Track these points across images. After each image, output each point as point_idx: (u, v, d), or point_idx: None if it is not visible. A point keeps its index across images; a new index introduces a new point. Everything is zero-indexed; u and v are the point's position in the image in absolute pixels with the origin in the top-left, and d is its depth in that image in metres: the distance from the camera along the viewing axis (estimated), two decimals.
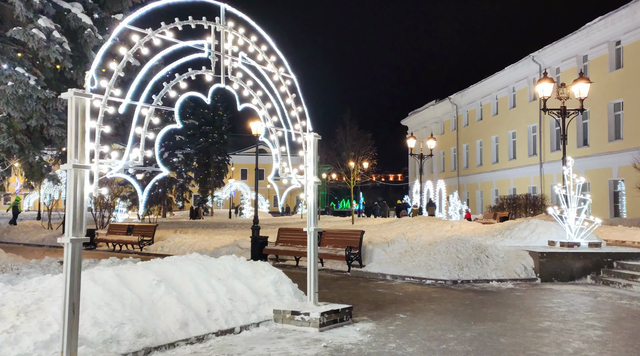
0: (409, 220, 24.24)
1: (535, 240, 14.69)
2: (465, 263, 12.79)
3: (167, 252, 18.16)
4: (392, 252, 14.86)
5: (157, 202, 53.51)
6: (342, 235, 15.08)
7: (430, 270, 12.75)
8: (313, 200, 8.31)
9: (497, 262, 12.92)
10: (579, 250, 12.98)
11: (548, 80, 15.93)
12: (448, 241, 14.15)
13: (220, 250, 16.99)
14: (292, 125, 8.14)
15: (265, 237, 16.47)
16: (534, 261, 12.68)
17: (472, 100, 49.99)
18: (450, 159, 54.73)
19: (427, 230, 19.46)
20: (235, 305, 7.73)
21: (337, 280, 12.77)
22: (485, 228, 17.57)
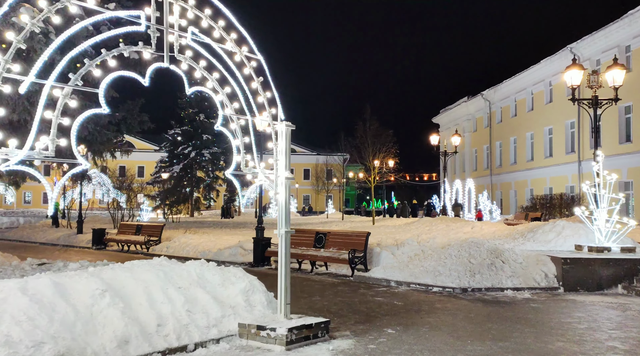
0: (428, 220, 22.90)
1: (560, 244, 13.25)
2: (477, 269, 11.51)
3: (172, 253, 17.39)
4: (401, 256, 13.66)
5: (184, 201, 53.30)
6: (347, 237, 13.97)
7: (439, 276, 11.52)
8: (285, 198, 7.25)
9: (514, 268, 11.59)
10: (610, 255, 11.54)
11: (577, 67, 14.46)
12: (461, 244, 12.88)
13: (223, 251, 16.13)
14: (258, 112, 7.09)
15: (268, 238, 15.48)
16: (556, 268, 11.31)
17: (505, 96, 48.01)
18: (482, 157, 52.77)
19: (444, 232, 18.14)
20: (194, 317, 6.73)
21: (335, 286, 11.67)
22: (507, 230, 16.16)
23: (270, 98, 7.15)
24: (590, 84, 14.47)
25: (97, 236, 20.60)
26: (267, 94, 7.10)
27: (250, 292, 7.54)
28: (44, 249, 20.85)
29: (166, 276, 7.05)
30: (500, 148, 49.20)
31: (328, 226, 28.55)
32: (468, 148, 55.50)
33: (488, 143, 51.21)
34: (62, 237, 22.66)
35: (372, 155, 30.60)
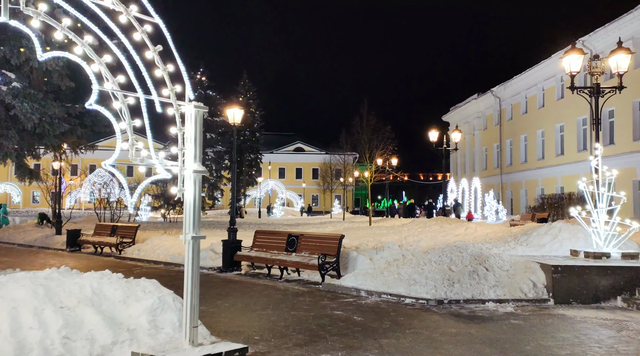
0: (423, 221, 21.51)
1: (556, 249, 11.85)
2: (457, 278, 10.17)
3: (142, 256, 16.29)
4: (378, 261, 12.37)
5: None
6: (320, 240, 12.68)
7: (413, 285, 10.20)
8: (193, 196, 5.98)
9: (500, 276, 10.23)
10: (608, 262, 10.12)
11: (577, 51, 13.01)
12: (443, 249, 11.55)
13: None
14: (157, 90, 5.81)
15: (239, 240, 14.25)
16: (545, 276, 9.93)
17: (516, 92, 46.36)
18: (492, 156, 51.12)
19: (434, 234, 16.78)
20: (71, 346, 5.49)
21: (297, 296, 10.40)
22: (501, 232, 14.76)
23: (173, 72, 5.83)
24: (591, 70, 13.02)
25: (71, 237, 19.53)
26: (168, 67, 5.79)
27: (159, 311, 6.27)
28: (16, 251, 19.86)
29: (47, 294, 5.81)
30: (510, 147, 47.55)
31: (323, 227, 27.30)
32: (478, 147, 53.88)
33: (498, 141, 49.57)
34: (40, 239, 21.67)
35: (370, 151, 29.21)
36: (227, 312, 8.80)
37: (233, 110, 14.80)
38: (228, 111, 14.85)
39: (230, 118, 14.84)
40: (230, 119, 14.86)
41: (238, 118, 14.87)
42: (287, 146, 77.07)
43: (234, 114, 14.82)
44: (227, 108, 14.84)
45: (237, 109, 14.82)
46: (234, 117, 14.83)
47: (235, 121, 14.84)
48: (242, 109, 14.88)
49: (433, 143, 24.50)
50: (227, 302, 9.66)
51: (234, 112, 14.80)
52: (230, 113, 14.82)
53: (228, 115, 14.86)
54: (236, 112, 14.80)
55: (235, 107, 14.78)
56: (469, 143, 56.18)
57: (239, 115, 14.86)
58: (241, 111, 14.89)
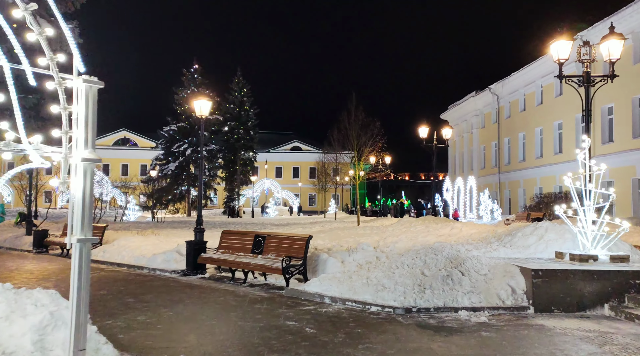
0: (409, 221, 20.59)
1: (542, 250, 10.91)
2: (429, 283, 9.24)
3: (106, 259, 15.38)
4: (350, 264, 11.45)
5: (180, 199, 51.51)
6: (287, 241, 11.75)
7: (381, 291, 9.27)
8: (83, 189, 4.97)
9: (476, 281, 9.30)
10: (595, 266, 9.17)
11: (566, 36, 12.07)
12: (417, 251, 10.63)
13: (157, 257, 14.03)
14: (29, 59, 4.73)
15: (204, 242, 13.33)
16: (525, 281, 8.99)
17: (514, 90, 45.39)
18: (491, 154, 50.13)
19: (416, 234, 15.85)
20: None
21: (254, 304, 9.47)
22: (485, 233, 13.81)
23: (54, 37, 4.71)
24: (580, 58, 12.07)
25: (38, 238, 18.62)
26: (46, 32, 4.64)
27: (50, 329, 5.29)
28: None
29: None
30: (508, 145, 46.58)
31: (310, 227, 26.38)
32: (476, 145, 52.90)
33: (496, 139, 48.59)
34: (9, 239, 20.76)
35: (358, 148, 28.19)
36: (167, 323, 7.88)
37: (200, 102, 13.89)
38: (195, 103, 13.94)
39: (197, 111, 13.93)
40: (197, 112, 13.94)
41: (205, 111, 13.96)
42: (285, 145, 76.20)
43: (200, 107, 13.91)
44: (194, 99, 13.92)
45: (205, 101, 13.91)
46: (201, 109, 13.92)
47: (203, 114, 13.92)
48: (210, 101, 13.95)
49: (423, 139, 23.50)
50: (173, 311, 8.75)
51: (200, 104, 13.89)
52: (197, 105, 13.91)
53: (195, 107, 13.95)
54: (203, 104, 13.89)
55: (202, 98, 13.87)
56: (467, 142, 55.22)
57: (206, 108, 13.95)
58: (209, 103, 13.97)
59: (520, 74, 43.36)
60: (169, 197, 50.54)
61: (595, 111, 32.50)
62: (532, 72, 41.60)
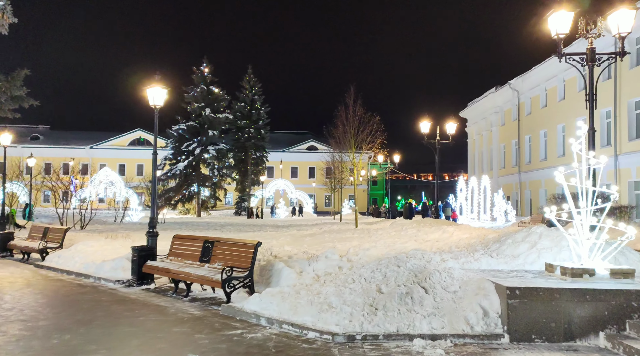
0: (401, 223, 18.80)
1: (532, 261, 9.08)
2: (384, 302, 7.54)
3: (59, 265, 14.01)
4: (307, 275, 9.82)
5: (189, 199, 50.39)
6: (235, 249, 10.14)
7: (325, 312, 7.60)
8: None
9: (441, 300, 7.56)
10: (589, 283, 7.33)
11: (566, 6, 10.19)
12: (380, 261, 8.94)
13: (105, 264, 12.60)
14: None
15: (152, 248, 11.80)
16: (500, 302, 7.21)
17: (535, 85, 43.03)
18: (511, 153, 47.76)
19: (398, 239, 14.11)
20: None
21: (175, 326, 7.90)
22: (476, 238, 11.98)
23: None
24: (586, 31, 10.20)
25: (1, 242, 17.37)
26: None
27: None
28: None
29: None
30: (529, 143, 44.22)
31: (306, 229, 24.74)
32: (496, 144, 50.57)
33: (517, 137, 46.25)
34: None
35: (356, 146, 26.38)
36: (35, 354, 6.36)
37: (154, 89, 12.38)
38: (148, 91, 12.43)
39: (151, 100, 12.43)
40: (151, 101, 12.43)
41: (159, 101, 12.44)
42: (300, 144, 74.67)
43: (154, 96, 12.40)
44: (148, 87, 12.41)
45: (159, 88, 12.39)
46: (154, 99, 12.42)
47: (156, 104, 12.41)
48: (165, 88, 12.41)
49: (425, 135, 21.61)
50: (65, 337, 7.20)
51: (154, 93, 12.38)
52: (150, 94, 12.41)
53: (148, 96, 12.44)
54: (157, 92, 12.38)
55: (156, 85, 12.35)
56: (487, 140, 52.91)
57: (160, 96, 12.44)
58: (164, 91, 12.43)
59: (541, 68, 41.05)
60: (178, 197, 49.45)
61: (621, 105, 30.32)
62: (554, 66, 39.21)
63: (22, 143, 76.43)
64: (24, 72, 21.99)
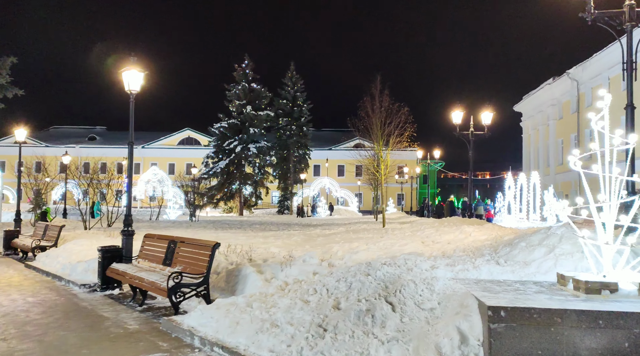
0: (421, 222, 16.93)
1: (547, 269, 7.20)
2: (337, 321, 5.93)
3: (42, 266, 13.08)
4: (276, 282, 8.32)
5: (231, 197, 49.75)
6: (194, 250, 8.72)
7: (264, 332, 6.08)
8: None
9: (410, 320, 5.88)
10: (607, 303, 5.45)
11: None
12: (349, 268, 7.32)
13: (79, 265, 11.53)
14: None
15: (119, 249, 10.56)
16: (482, 326, 5.46)
17: (596, 74, 39.77)
18: (569, 149, 44.35)
19: (406, 240, 12.31)
20: None
21: (94, 345, 6.56)
22: (490, 241, 10.07)
23: None
24: None
25: (7, 240, 16.83)
26: None
27: None
28: None
29: None
30: (590, 137, 40.85)
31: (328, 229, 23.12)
32: (553, 139, 47.29)
33: (576, 131, 42.97)
34: None
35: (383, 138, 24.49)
36: None
37: (129, 73, 11.15)
38: (123, 74, 11.21)
39: (126, 85, 11.21)
40: (126, 86, 11.22)
41: (136, 85, 11.21)
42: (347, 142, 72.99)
43: (129, 80, 11.17)
44: (123, 71, 11.19)
45: (135, 72, 11.15)
46: (129, 84, 11.19)
47: (131, 89, 11.19)
48: (141, 71, 11.16)
49: (456, 126, 19.58)
50: None
51: (129, 76, 11.15)
52: (126, 78, 11.19)
53: (123, 79, 11.22)
54: (133, 76, 11.14)
55: (132, 68, 11.11)
56: (543, 135, 49.64)
57: (136, 81, 11.19)
58: (140, 74, 11.18)
59: (604, 54, 37.86)
60: (220, 196, 48.89)
61: None
62: (617, 52, 35.80)
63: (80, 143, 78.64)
64: (10, 60, 21.64)
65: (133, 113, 11.37)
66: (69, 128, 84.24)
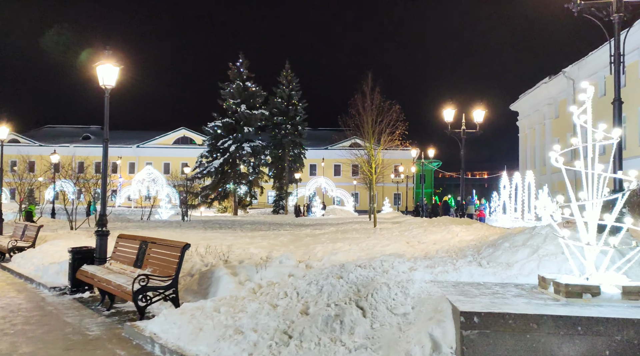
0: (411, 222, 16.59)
1: (530, 271, 6.85)
2: (302, 328, 5.58)
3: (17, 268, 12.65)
4: (249, 284, 7.95)
5: (225, 197, 49.37)
6: (164, 251, 8.36)
7: (226, 339, 5.73)
8: None
9: (382, 326, 5.54)
10: (588, 308, 5.11)
11: None
12: (322, 271, 6.99)
13: (51, 267, 11.16)
14: None
15: (90, 250, 10.20)
16: (455, 331, 5.12)
17: (592, 72, 39.46)
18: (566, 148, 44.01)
19: (390, 240, 11.97)
20: None
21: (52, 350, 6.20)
22: (476, 241, 9.73)
23: None
24: None
25: None
26: None
27: None
28: None
29: None
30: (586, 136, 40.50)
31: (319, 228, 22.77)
32: (549, 138, 46.92)
33: (572, 130, 42.56)
34: None
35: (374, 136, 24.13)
36: None
37: (104, 67, 10.78)
38: (97, 69, 10.84)
39: (100, 80, 10.84)
40: (100, 81, 10.85)
41: (110, 80, 10.84)
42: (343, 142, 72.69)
43: (103, 75, 10.81)
44: (98, 65, 10.82)
45: (110, 66, 10.79)
46: (103, 79, 10.83)
47: (106, 84, 10.83)
48: (116, 66, 10.80)
49: (448, 124, 19.24)
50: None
51: (104, 71, 10.78)
52: (100, 72, 10.81)
53: (97, 74, 10.85)
54: (108, 71, 10.78)
55: (106, 62, 10.74)
56: (539, 135, 49.31)
57: (111, 76, 10.83)
58: (115, 68, 10.82)
59: (600, 52, 37.51)
60: (214, 195, 48.52)
61: None
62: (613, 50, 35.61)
63: (75, 143, 78.14)
64: None
65: (108, 109, 11.01)
66: (63, 127, 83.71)
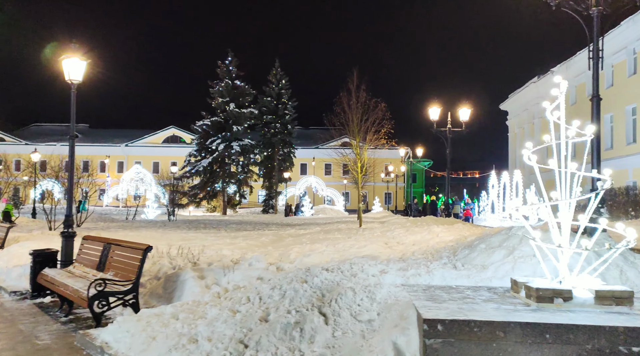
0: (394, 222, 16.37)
1: (505, 273, 6.57)
2: (260, 336, 5.25)
3: None
4: (216, 288, 7.62)
5: (214, 196, 48.91)
6: (125, 254, 8.01)
7: (177, 350, 5.40)
8: None
9: (344, 334, 5.22)
10: (559, 314, 4.81)
11: None
12: (286, 275, 6.64)
13: (14, 270, 10.76)
14: None
15: (53, 252, 9.82)
16: (419, 340, 4.81)
17: (580, 71, 39.32)
18: None
19: (367, 241, 11.68)
20: None
21: None
22: (454, 242, 9.44)
23: None
24: None
25: None
26: None
27: None
28: None
29: None
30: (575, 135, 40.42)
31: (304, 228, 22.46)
32: (538, 138, 46.84)
33: None
34: None
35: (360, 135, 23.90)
36: None
37: (70, 61, 10.38)
38: (64, 63, 10.44)
39: (66, 75, 10.45)
40: (66, 76, 10.46)
41: (77, 75, 10.46)
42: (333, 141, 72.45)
43: (70, 69, 10.42)
44: (64, 59, 10.43)
45: (77, 60, 10.40)
46: (69, 74, 10.44)
47: (72, 78, 10.44)
48: (83, 60, 10.42)
49: (434, 122, 18.97)
50: None
51: (71, 65, 10.39)
52: (66, 66, 10.42)
53: (64, 68, 10.46)
54: (74, 65, 10.39)
55: (73, 56, 10.36)
56: (529, 134, 49.24)
57: (78, 70, 10.44)
58: (82, 63, 10.44)
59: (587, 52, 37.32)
60: (202, 195, 48.08)
61: None
62: None
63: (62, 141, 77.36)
64: None
65: (74, 105, 10.60)
66: (51, 125, 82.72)
